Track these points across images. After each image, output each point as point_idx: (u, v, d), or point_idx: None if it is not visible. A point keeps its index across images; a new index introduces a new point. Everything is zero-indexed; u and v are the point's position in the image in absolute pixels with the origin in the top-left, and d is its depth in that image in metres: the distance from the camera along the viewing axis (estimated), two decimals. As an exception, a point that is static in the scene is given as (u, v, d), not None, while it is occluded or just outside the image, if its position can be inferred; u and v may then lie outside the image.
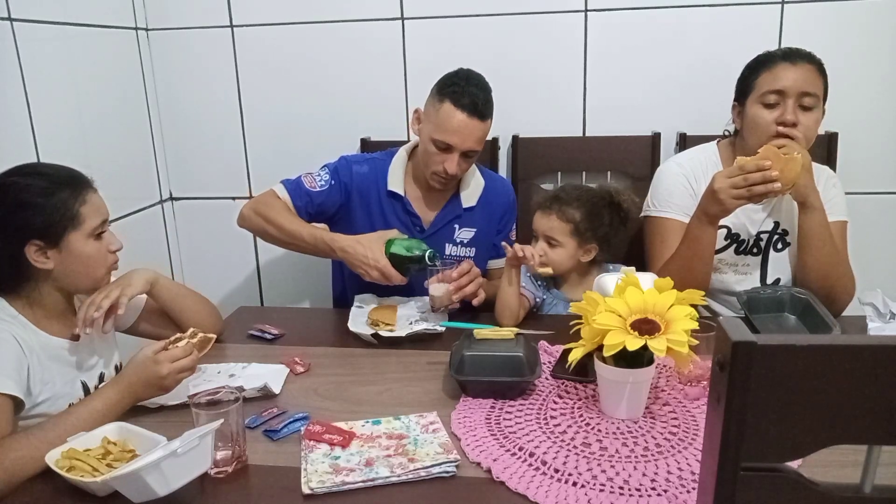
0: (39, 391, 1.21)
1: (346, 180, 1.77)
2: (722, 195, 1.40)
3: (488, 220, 1.83)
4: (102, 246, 1.28)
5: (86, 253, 1.25)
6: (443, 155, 1.65)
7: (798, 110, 1.52)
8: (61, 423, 1.10)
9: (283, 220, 1.69)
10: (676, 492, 0.97)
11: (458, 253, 1.81)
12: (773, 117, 1.53)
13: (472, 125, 1.63)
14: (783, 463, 0.58)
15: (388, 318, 1.59)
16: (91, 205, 1.26)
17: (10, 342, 1.18)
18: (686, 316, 1.11)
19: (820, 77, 1.54)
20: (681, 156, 1.77)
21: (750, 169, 1.37)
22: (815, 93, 1.52)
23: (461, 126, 1.62)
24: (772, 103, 1.54)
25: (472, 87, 1.64)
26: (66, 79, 1.85)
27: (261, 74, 2.23)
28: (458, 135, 1.62)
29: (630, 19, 2.03)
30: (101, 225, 1.28)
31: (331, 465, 1.05)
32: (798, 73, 1.53)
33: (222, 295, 2.42)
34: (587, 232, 1.63)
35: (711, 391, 0.58)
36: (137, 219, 2.20)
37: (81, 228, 1.24)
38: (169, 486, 0.94)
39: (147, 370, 1.20)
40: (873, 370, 0.54)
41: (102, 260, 1.29)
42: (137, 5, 2.18)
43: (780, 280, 1.67)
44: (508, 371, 1.24)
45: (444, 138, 1.63)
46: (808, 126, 1.52)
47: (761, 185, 1.37)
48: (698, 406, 1.21)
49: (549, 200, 1.66)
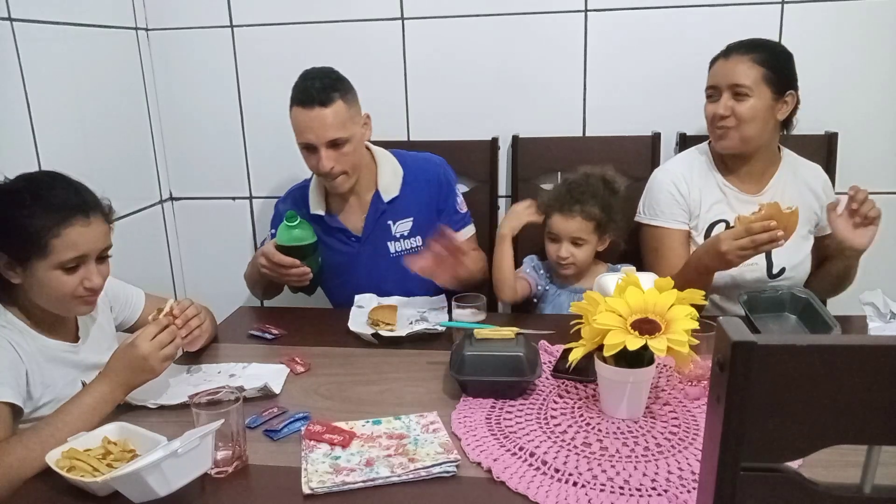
0: (41, 395, 1.21)
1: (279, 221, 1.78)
2: (730, 256, 1.45)
3: (421, 204, 1.79)
4: (72, 279, 1.21)
5: (48, 282, 1.19)
6: (315, 156, 1.64)
7: (732, 101, 1.60)
8: (54, 423, 1.11)
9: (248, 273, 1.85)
10: (676, 492, 0.97)
11: (403, 248, 1.79)
12: (712, 109, 1.63)
13: (317, 115, 1.60)
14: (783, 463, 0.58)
15: (389, 317, 1.59)
16: (67, 239, 1.18)
17: (6, 349, 1.18)
18: (686, 316, 1.11)
19: (755, 66, 1.59)
20: (671, 162, 1.80)
21: (756, 230, 1.41)
22: (744, 83, 1.58)
23: (308, 120, 1.61)
24: (711, 97, 1.65)
25: (307, 80, 1.64)
26: (66, 79, 1.85)
27: (261, 74, 2.23)
28: (310, 130, 1.61)
29: (630, 19, 2.03)
30: (75, 259, 1.20)
31: (331, 465, 1.05)
32: (728, 66, 1.62)
33: (222, 295, 2.40)
34: (607, 224, 1.67)
35: (711, 391, 0.58)
36: (137, 219, 2.20)
37: (48, 259, 1.18)
38: (169, 487, 0.94)
39: (127, 355, 1.19)
40: (873, 370, 0.54)
41: (67, 292, 1.21)
42: (137, 5, 2.18)
43: (785, 270, 1.68)
44: (508, 371, 1.24)
45: (302, 139, 1.64)
46: (741, 114, 1.60)
47: (767, 245, 1.43)
48: (698, 406, 1.21)
49: (568, 202, 1.65)
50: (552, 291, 1.73)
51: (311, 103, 1.60)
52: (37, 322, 1.26)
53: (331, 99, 1.61)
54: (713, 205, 1.70)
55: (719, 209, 1.70)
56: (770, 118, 1.61)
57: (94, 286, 1.23)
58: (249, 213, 2.37)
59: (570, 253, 1.66)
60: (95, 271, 1.24)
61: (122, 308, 1.48)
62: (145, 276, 1.76)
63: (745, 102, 1.59)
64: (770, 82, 1.58)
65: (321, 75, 1.65)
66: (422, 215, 1.79)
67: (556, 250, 1.67)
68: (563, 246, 1.66)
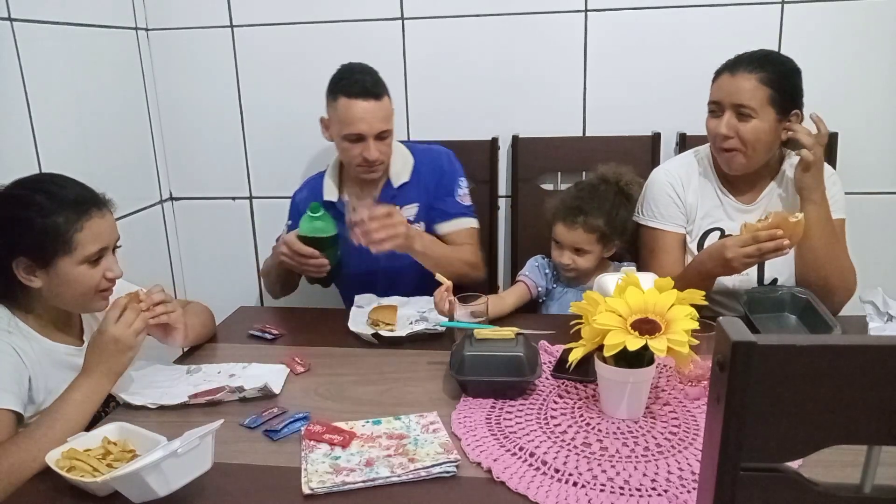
0: (44, 399, 1.21)
1: (295, 213, 1.87)
2: (735, 263, 1.45)
3: (427, 191, 1.85)
4: (96, 272, 1.23)
5: (74, 278, 1.21)
6: (359, 146, 1.71)
7: (736, 119, 1.55)
8: (46, 422, 1.10)
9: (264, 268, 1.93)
10: (676, 492, 0.97)
11: None
12: (714, 127, 1.59)
13: (371, 107, 1.68)
14: (783, 463, 0.58)
15: (389, 317, 1.59)
16: (90, 232, 1.21)
17: (9, 354, 1.17)
18: (686, 316, 1.11)
19: (761, 87, 1.53)
20: (670, 163, 1.79)
21: (763, 238, 1.41)
22: (748, 104, 1.53)
23: (361, 112, 1.68)
24: (714, 112, 1.60)
25: (356, 74, 1.71)
26: (66, 79, 1.85)
27: (261, 74, 2.23)
28: (363, 121, 1.68)
29: (630, 19, 2.03)
30: (98, 252, 1.23)
31: (331, 465, 1.05)
32: (733, 84, 1.55)
33: (222, 295, 2.40)
34: (612, 234, 1.67)
35: (711, 391, 0.58)
36: (137, 219, 2.20)
37: (73, 255, 1.19)
38: (169, 487, 0.94)
39: (99, 344, 1.19)
40: (873, 370, 0.54)
41: (93, 285, 1.23)
42: (137, 5, 2.18)
43: (778, 280, 1.67)
44: (509, 371, 1.24)
45: (352, 130, 1.69)
46: (744, 136, 1.55)
47: (772, 253, 1.42)
48: (698, 406, 1.21)
49: (571, 212, 1.66)
50: (558, 290, 1.74)
51: (365, 96, 1.68)
52: (44, 326, 1.26)
53: (383, 93, 1.71)
54: (709, 211, 1.68)
55: (716, 216, 1.68)
56: (775, 139, 1.58)
57: (116, 275, 1.27)
58: (249, 213, 2.37)
59: (573, 260, 1.67)
60: (115, 261, 1.27)
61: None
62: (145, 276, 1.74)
63: (748, 123, 1.54)
64: (775, 104, 1.54)
65: (370, 71, 1.74)
66: (427, 201, 1.84)
67: (559, 256, 1.69)
68: (566, 254, 1.67)
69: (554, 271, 1.75)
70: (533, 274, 1.72)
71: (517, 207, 2.12)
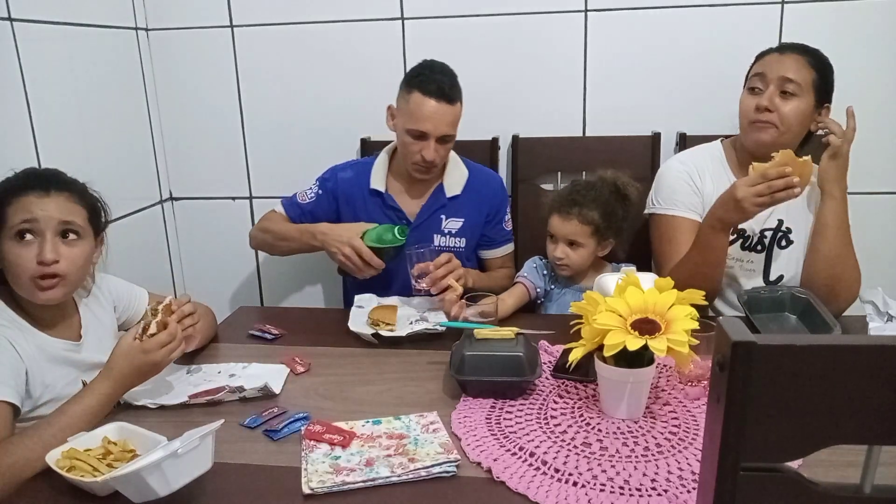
0: (41, 394, 1.21)
1: (332, 187, 1.86)
2: (745, 203, 1.42)
3: (476, 210, 1.86)
4: (25, 251, 1.18)
5: (8, 258, 1.19)
6: (419, 143, 1.71)
7: (778, 97, 1.55)
8: (56, 423, 1.10)
9: (277, 228, 1.84)
10: (676, 492, 0.97)
11: (447, 243, 1.84)
12: (754, 103, 1.58)
13: (442, 110, 1.68)
14: (783, 463, 0.58)
15: (389, 317, 1.59)
16: (17, 205, 1.19)
17: (6, 348, 1.17)
18: (686, 316, 1.11)
19: (808, 68, 1.56)
20: (683, 154, 1.78)
21: (772, 176, 1.39)
22: (796, 80, 1.54)
23: (432, 112, 1.68)
24: (755, 88, 1.59)
25: (436, 74, 1.70)
26: (66, 79, 1.85)
27: (261, 74, 2.23)
28: (430, 121, 1.68)
29: (630, 19, 2.03)
30: (25, 223, 1.18)
31: (331, 465, 1.05)
32: (783, 60, 1.57)
33: (222, 295, 2.42)
34: (607, 230, 1.67)
35: (711, 391, 0.58)
36: (137, 219, 2.20)
37: (5, 230, 1.19)
38: (169, 487, 0.94)
39: (138, 360, 1.19)
40: (873, 370, 0.54)
41: (27, 268, 1.18)
42: (137, 5, 2.18)
43: (784, 277, 1.67)
44: (508, 371, 1.24)
45: (418, 126, 1.69)
46: (784, 113, 1.55)
47: (783, 192, 1.40)
48: (698, 406, 1.21)
49: (566, 204, 1.66)
50: (557, 291, 1.74)
51: (440, 97, 1.67)
52: (38, 320, 1.26)
53: (457, 98, 1.71)
54: None
55: None
56: (805, 127, 1.58)
57: (46, 259, 1.18)
58: (249, 213, 2.37)
59: (566, 254, 1.67)
60: (50, 246, 1.19)
61: (126, 307, 1.48)
62: (145, 276, 1.75)
63: (790, 101, 1.55)
64: (817, 89, 1.55)
65: (450, 73, 1.73)
66: (473, 220, 1.86)
67: (553, 250, 1.69)
68: (559, 246, 1.67)
69: (552, 272, 1.75)
70: (531, 275, 1.72)
71: (517, 207, 2.12)
